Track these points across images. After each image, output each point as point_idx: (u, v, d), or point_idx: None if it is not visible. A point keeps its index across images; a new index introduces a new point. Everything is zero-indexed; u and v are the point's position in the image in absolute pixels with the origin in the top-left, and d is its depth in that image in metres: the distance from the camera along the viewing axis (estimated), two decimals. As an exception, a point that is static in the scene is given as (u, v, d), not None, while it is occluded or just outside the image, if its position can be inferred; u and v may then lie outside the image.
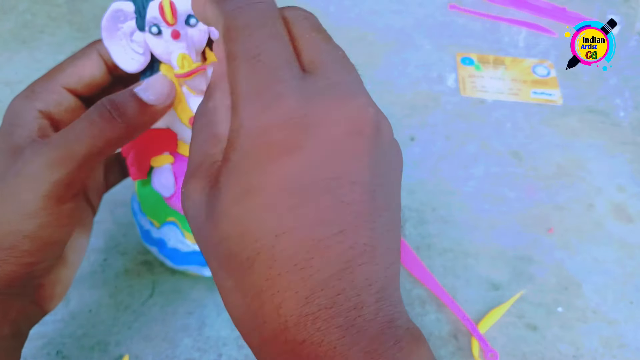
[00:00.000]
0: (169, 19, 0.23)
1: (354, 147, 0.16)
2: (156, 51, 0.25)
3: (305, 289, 0.15)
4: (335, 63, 0.17)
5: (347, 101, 0.16)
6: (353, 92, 0.17)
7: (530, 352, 0.34)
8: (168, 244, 0.29)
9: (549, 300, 0.36)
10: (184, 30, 0.24)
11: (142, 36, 0.25)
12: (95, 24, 0.52)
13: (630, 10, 0.59)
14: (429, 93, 0.49)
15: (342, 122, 0.16)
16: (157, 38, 0.24)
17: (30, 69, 0.47)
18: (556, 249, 0.39)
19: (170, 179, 0.28)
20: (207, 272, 0.32)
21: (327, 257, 0.15)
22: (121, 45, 0.25)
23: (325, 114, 0.16)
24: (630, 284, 0.37)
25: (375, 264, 0.16)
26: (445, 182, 0.42)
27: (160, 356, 0.32)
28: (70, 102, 0.25)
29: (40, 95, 0.24)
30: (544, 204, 0.41)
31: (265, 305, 0.15)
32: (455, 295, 0.36)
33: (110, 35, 0.25)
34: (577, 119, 0.48)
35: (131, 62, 0.26)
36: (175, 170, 0.28)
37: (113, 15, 0.25)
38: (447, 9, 0.57)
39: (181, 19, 0.24)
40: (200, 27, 0.24)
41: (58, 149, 0.22)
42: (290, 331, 0.15)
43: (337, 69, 0.17)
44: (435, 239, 0.39)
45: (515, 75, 0.51)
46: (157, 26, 0.24)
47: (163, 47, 0.24)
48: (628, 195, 0.42)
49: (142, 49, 0.25)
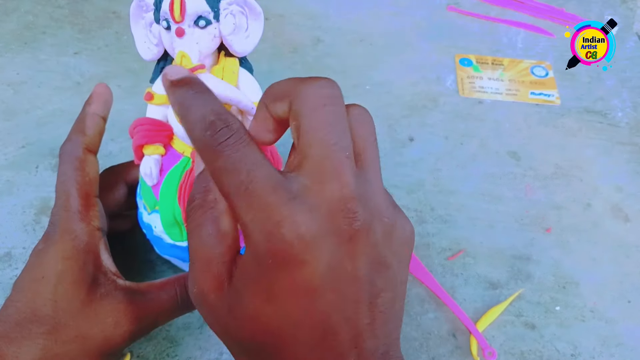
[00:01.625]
0: (176, 16, 0.24)
1: (359, 248, 0.18)
2: (165, 45, 0.26)
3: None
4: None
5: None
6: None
7: (529, 351, 0.34)
8: (154, 231, 0.30)
9: (547, 299, 0.36)
10: (190, 30, 0.24)
11: (158, 28, 0.25)
12: (97, 25, 0.52)
13: (628, 12, 0.59)
14: (428, 94, 0.49)
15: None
16: (166, 32, 0.25)
17: (33, 69, 0.47)
18: (554, 248, 0.39)
19: (155, 170, 0.28)
20: (187, 268, 0.32)
21: (337, 339, 0.18)
22: (142, 34, 0.27)
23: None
24: (627, 282, 0.38)
25: (376, 337, 0.19)
26: (443, 182, 0.42)
27: (162, 355, 0.32)
28: (100, 205, 0.29)
29: (91, 213, 0.28)
30: (542, 203, 0.42)
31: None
32: (453, 294, 0.36)
33: (135, 22, 0.27)
34: (574, 119, 0.48)
35: (147, 51, 0.27)
36: (164, 162, 0.28)
37: (138, 4, 0.26)
38: (445, 10, 0.58)
39: (190, 18, 0.24)
40: (209, 31, 0.25)
41: (139, 309, 0.27)
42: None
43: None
44: (434, 238, 0.39)
45: (514, 76, 0.51)
46: (167, 21, 0.24)
47: (169, 42, 0.25)
48: (625, 195, 0.43)
49: (157, 40, 0.26)
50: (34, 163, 0.41)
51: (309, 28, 0.53)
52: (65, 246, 0.26)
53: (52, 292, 0.25)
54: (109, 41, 0.50)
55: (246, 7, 0.25)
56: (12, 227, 0.37)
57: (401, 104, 0.48)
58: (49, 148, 0.41)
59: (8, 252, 0.36)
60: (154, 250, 0.33)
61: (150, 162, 0.28)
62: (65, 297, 0.25)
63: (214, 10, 0.24)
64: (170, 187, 0.28)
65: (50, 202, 0.38)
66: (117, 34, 0.51)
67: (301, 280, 0.17)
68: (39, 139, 0.42)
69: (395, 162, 0.43)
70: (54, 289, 0.25)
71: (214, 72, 0.26)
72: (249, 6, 0.25)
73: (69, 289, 0.25)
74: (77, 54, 0.49)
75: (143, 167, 0.28)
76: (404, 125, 0.46)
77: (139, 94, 0.46)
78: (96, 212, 0.28)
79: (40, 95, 0.45)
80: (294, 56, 0.51)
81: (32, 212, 0.38)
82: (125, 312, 0.26)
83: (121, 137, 0.43)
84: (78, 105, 0.31)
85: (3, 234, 0.37)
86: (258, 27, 0.26)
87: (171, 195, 0.28)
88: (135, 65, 0.48)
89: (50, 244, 0.26)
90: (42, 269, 0.26)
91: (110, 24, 0.52)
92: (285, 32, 0.53)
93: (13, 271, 0.35)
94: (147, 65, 0.29)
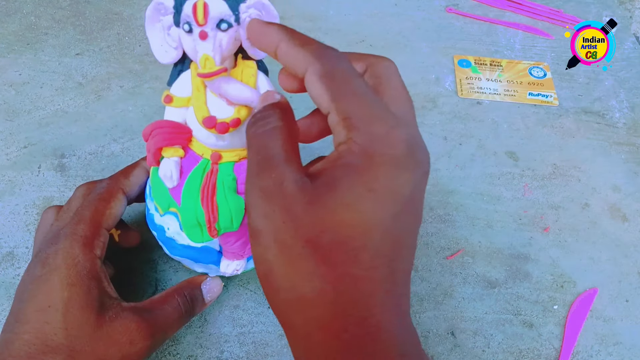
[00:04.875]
0: (199, 19, 0.24)
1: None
2: (186, 48, 0.26)
3: (392, 283, 0.19)
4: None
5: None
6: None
7: (527, 350, 0.34)
8: (166, 233, 0.30)
9: (545, 298, 0.37)
10: (213, 33, 0.24)
11: (177, 32, 0.26)
12: (99, 26, 0.52)
13: (626, 12, 0.59)
14: (427, 94, 0.49)
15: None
16: (188, 35, 0.25)
17: (35, 70, 0.48)
18: (552, 247, 0.39)
19: (175, 172, 0.28)
20: (198, 268, 0.32)
21: (406, 256, 0.20)
22: (159, 37, 0.26)
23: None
24: (625, 282, 0.38)
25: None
26: (442, 182, 0.43)
27: (163, 353, 0.32)
28: (107, 238, 0.29)
29: (95, 242, 0.28)
30: (540, 203, 0.42)
31: (356, 292, 0.19)
32: (452, 293, 0.36)
33: (151, 26, 0.26)
34: (572, 120, 0.48)
35: (164, 55, 0.27)
36: (183, 165, 0.29)
37: (156, 7, 0.26)
38: (444, 12, 0.58)
39: (213, 21, 0.24)
40: (231, 34, 0.25)
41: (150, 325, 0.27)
42: (375, 317, 0.19)
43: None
44: (432, 238, 0.39)
45: (512, 77, 0.52)
46: (189, 24, 0.24)
47: (191, 45, 0.25)
48: (623, 195, 0.43)
49: (176, 43, 0.26)
50: (36, 163, 0.41)
51: (309, 29, 0.54)
52: (69, 272, 0.26)
53: (61, 320, 0.25)
54: (111, 42, 0.51)
55: (264, 10, 0.26)
56: (14, 227, 0.37)
57: (400, 105, 0.48)
58: (51, 148, 0.42)
59: (10, 252, 0.36)
60: (154, 250, 0.34)
61: (171, 165, 0.28)
62: (76, 323, 0.25)
63: (235, 13, 0.25)
64: (192, 189, 0.28)
65: (53, 202, 0.39)
66: (119, 35, 0.52)
67: (403, 184, 0.19)
68: (41, 139, 0.42)
69: (395, 163, 0.43)
70: (63, 317, 0.25)
71: (233, 75, 0.26)
72: (267, 9, 0.26)
73: (78, 315, 0.25)
74: (79, 55, 0.49)
75: (163, 169, 0.28)
76: (403, 126, 0.46)
77: (141, 95, 0.47)
78: (100, 242, 0.28)
79: (42, 96, 0.46)
80: (294, 57, 0.51)
81: (34, 212, 0.38)
82: (138, 329, 0.26)
83: (124, 138, 0.43)
84: (80, 105, 0.31)
85: (6, 234, 0.37)
86: None
87: (193, 197, 0.28)
88: (137, 66, 0.48)
89: (51, 270, 0.26)
90: (48, 298, 0.25)
91: (112, 25, 0.53)
92: (286, 33, 0.53)
93: (15, 270, 0.35)
94: (148, 67, 0.29)
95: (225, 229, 0.28)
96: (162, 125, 0.28)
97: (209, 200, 0.28)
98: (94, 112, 0.44)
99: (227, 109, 0.27)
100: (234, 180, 0.28)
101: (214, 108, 0.27)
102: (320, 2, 0.57)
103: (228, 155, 0.28)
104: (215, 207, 0.28)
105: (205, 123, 0.26)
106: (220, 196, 0.28)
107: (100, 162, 0.41)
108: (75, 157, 0.41)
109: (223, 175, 0.28)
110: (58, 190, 0.39)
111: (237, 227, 0.29)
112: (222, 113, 0.26)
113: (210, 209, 0.28)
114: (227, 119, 0.26)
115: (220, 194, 0.28)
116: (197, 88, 0.27)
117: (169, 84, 0.28)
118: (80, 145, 0.42)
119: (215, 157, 0.28)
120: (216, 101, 0.27)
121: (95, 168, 0.41)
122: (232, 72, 0.27)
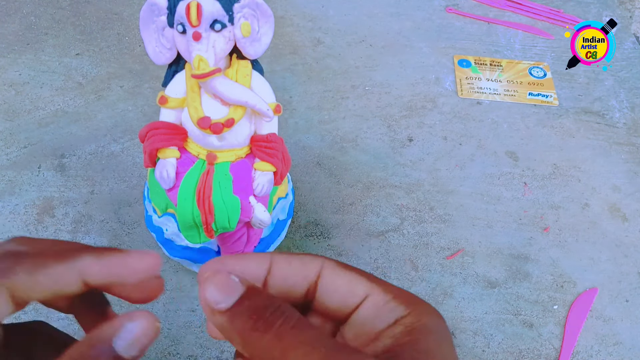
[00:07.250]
0: (192, 20, 0.24)
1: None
2: (180, 49, 0.26)
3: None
4: None
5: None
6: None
7: (527, 349, 0.34)
8: (165, 234, 0.30)
9: (545, 298, 0.37)
10: (207, 34, 0.24)
11: (171, 32, 0.26)
12: (98, 26, 0.52)
13: (626, 12, 0.59)
14: (427, 94, 0.49)
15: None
16: (181, 36, 0.25)
17: (35, 70, 0.48)
18: (552, 247, 0.39)
19: (172, 173, 0.28)
20: (197, 269, 0.32)
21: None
22: (153, 38, 0.26)
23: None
24: (625, 282, 0.38)
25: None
26: (442, 182, 0.43)
27: (163, 353, 0.32)
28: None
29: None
30: (540, 203, 0.42)
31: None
32: (452, 293, 0.36)
33: (145, 27, 0.26)
34: (572, 120, 0.48)
35: (159, 55, 0.27)
36: (178, 166, 0.29)
37: (149, 8, 0.26)
38: (444, 12, 0.58)
39: (206, 22, 0.24)
40: (225, 35, 0.25)
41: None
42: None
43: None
44: (432, 238, 0.39)
45: (512, 77, 0.52)
46: (182, 25, 0.24)
47: (185, 46, 0.25)
48: (623, 195, 0.43)
49: (170, 44, 0.26)
50: (36, 163, 0.41)
51: (309, 29, 0.54)
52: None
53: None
54: (111, 42, 0.51)
55: (258, 10, 0.26)
56: (14, 227, 0.37)
57: (400, 105, 0.48)
58: (51, 148, 0.42)
59: (10, 252, 0.36)
60: (153, 250, 0.34)
61: (167, 166, 0.28)
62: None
63: (229, 13, 0.24)
64: (188, 190, 0.28)
65: (53, 202, 0.39)
66: (118, 35, 0.52)
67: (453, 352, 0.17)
68: (41, 139, 0.42)
69: (395, 162, 0.43)
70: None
71: (227, 75, 0.26)
72: (261, 9, 0.26)
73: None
74: (79, 55, 0.49)
75: (159, 170, 0.28)
76: (403, 126, 0.46)
77: (140, 95, 0.47)
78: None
79: (42, 96, 0.46)
80: (294, 57, 0.51)
81: (34, 211, 0.38)
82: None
83: (124, 138, 0.43)
84: (80, 105, 0.31)
85: (5, 233, 0.37)
86: (269, 29, 0.26)
87: (189, 198, 0.28)
88: (137, 67, 0.48)
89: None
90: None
91: (112, 25, 0.53)
92: (286, 33, 0.53)
93: (15, 270, 0.35)
94: (148, 67, 0.29)
95: (222, 229, 0.28)
96: (158, 126, 0.28)
97: (205, 201, 0.28)
98: (94, 112, 0.44)
99: (222, 109, 0.27)
100: (230, 180, 0.28)
101: (208, 108, 0.26)
102: (320, 2, 0.57)
103: (224, 155, 0.28)
104: (211, 207, 0.28)
105: (200, 123, 0.26)
106: (216, 197, 0.28)
107: (100, 162, 0.41)
108: (75, 157, 0.41)
109: (219, 176, 0.28)
110: (58, 190, 0.39)
111: (234, 227, 0.29)
112: (216, 113, 0.26)
113: (206, 210, 0.28)
114: (222, 119, 0.26)
115: (217, 194, 0.28)
116: (191, 89, 0.27)
117: (164, 84, 0.28)
118: (80, 145, 0.42)
119: (210, 158, 0.28)
120: (211, 101, 0.26)
121: (95, 168, 0.41)
122: (227, 73, 0.27)
